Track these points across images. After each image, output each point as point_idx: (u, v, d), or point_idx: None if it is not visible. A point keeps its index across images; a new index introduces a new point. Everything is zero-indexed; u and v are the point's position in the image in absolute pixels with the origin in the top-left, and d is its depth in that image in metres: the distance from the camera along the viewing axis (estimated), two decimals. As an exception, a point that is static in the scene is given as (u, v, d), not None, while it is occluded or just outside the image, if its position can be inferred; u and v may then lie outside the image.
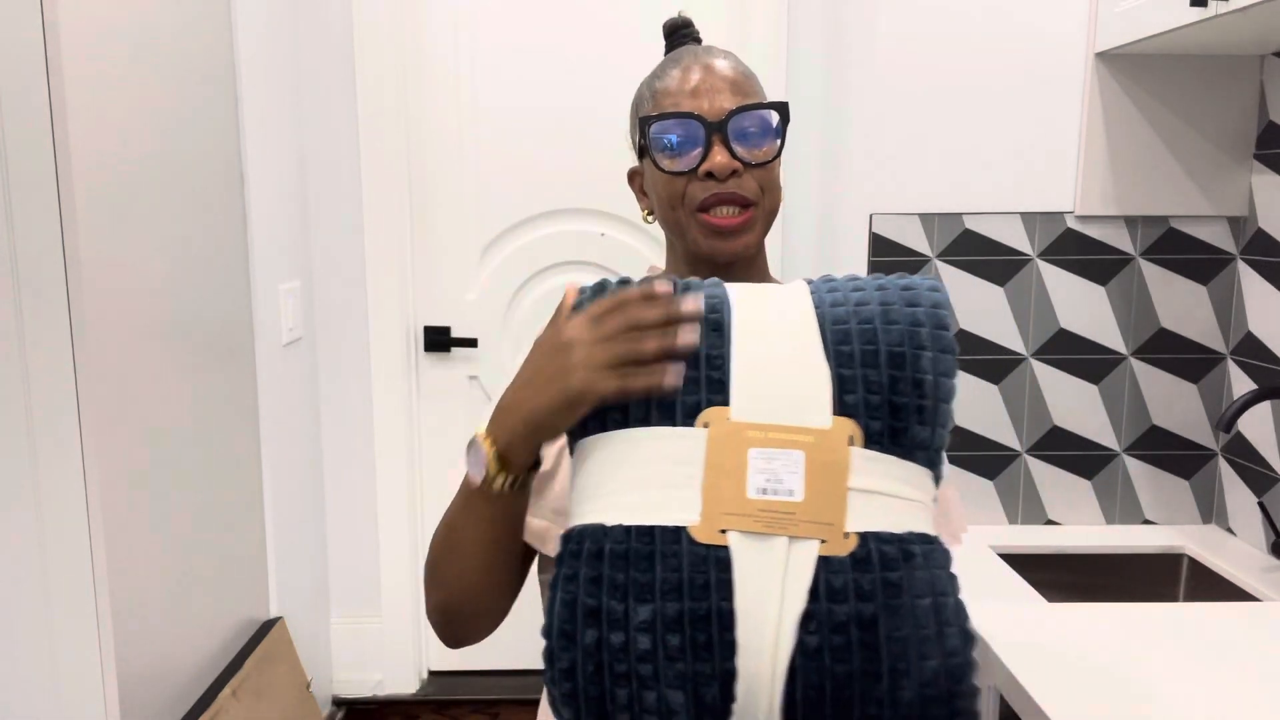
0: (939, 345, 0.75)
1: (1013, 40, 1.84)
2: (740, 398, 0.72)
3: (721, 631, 0.68)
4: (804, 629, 0.68)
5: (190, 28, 1.74)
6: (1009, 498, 1.97)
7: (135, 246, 1.53)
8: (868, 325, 0.74)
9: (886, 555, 0.70)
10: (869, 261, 1.90)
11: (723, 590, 0.68)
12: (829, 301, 0.77)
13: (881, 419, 0.73)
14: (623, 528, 0.71)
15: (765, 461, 0.71)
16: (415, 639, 2.55)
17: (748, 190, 0.93)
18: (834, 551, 0.69)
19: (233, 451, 1.90)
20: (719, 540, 0.69)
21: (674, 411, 0.73)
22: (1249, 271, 1.86)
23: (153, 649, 1.56)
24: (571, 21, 2.35)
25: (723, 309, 0.76)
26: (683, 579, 0.69)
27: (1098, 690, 1.19)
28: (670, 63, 1.00)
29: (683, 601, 0.68)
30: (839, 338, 0.74)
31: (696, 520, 0.70)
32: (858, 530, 0.70)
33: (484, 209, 2.43)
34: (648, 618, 0.69)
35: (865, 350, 0.73)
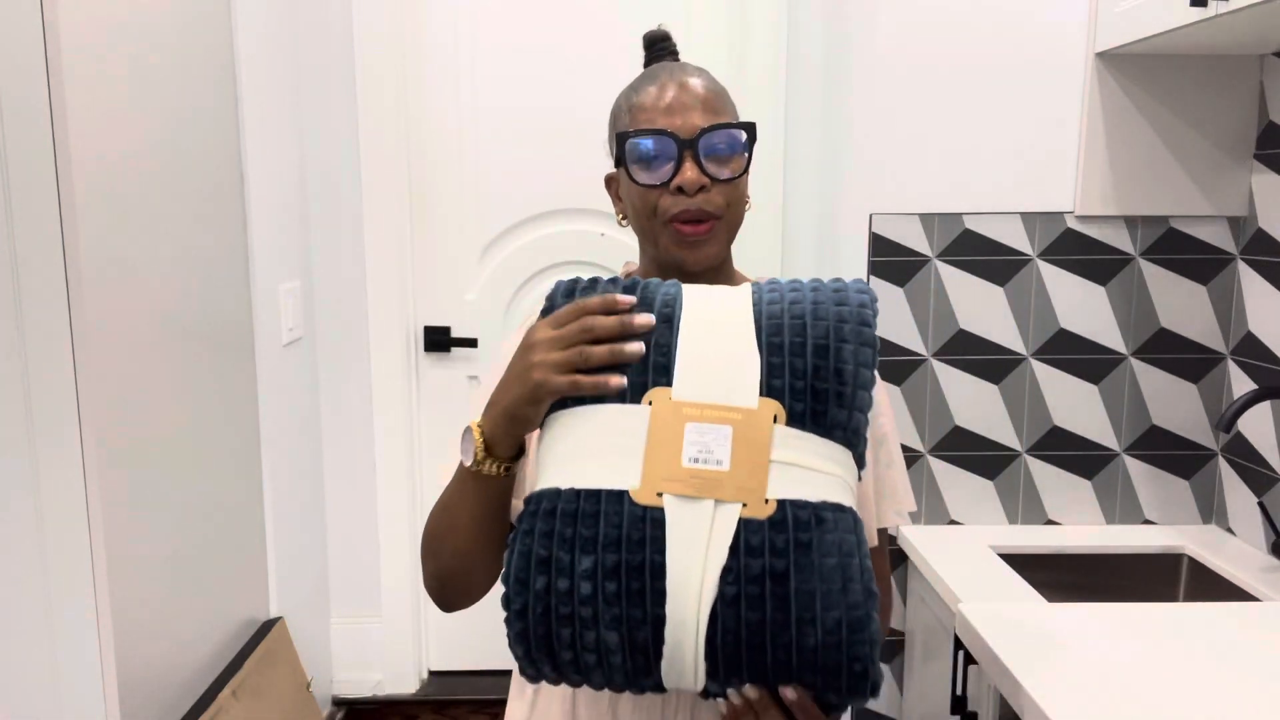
0: (860, 339, 0.86)
1: (1013, 40, 1.84)
2: (681, 380, 0.84)
3: (653, 580, 0.79)
4: (724, 580, 0.79)
5: (190, 28, 1.74)
6: (1009, 498, 1.97)
7: (135, 246, 1.53)
8: (797, 320, 0.86)
9: (800, 519, 0.80)
10: (869, 261, 1.91)
11: (656, 545, 0.79)
12: (767, 300, 0.88)
13: (804, 401, 0.83)
14: (574, 490, 0.82)
15: (699, 435, 0.82)
16: (415, 639, 2.55)
17: (713, 205, 1.00)
18: (754, 514, 0.80)
19: (233, 451, 1.90)
20: (655, 502, 0.80)
21: (624, 391, 0.85)
22: (1249, 271, 1.86)
23: (153, 649, 1.56)
24: (571, 22, 2.35)
25: (675, 305, 0.88)
26: (622, 534, 0.80)
27: (1098, 690, 1.19)
28: (647, 79, 1.06)
29: (620, 553, 0.79)
30: (771, 330, 0.85)
31: (637, 485, 0.81)
32: (777, 497, 0.80)
33: (484, 209, 2.43)
34: (589, 567, 0.79)
35: (793, 342, 0.85)
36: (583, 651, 0.80)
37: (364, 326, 2.43)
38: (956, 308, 1.91)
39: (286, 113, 2.22)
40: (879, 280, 1.91)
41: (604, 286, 0.90)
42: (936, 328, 1.92)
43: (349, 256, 2.40)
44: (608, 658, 0.80)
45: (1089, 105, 1.85)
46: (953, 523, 1.98)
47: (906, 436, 1.94)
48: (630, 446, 0.83)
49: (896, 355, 1.93)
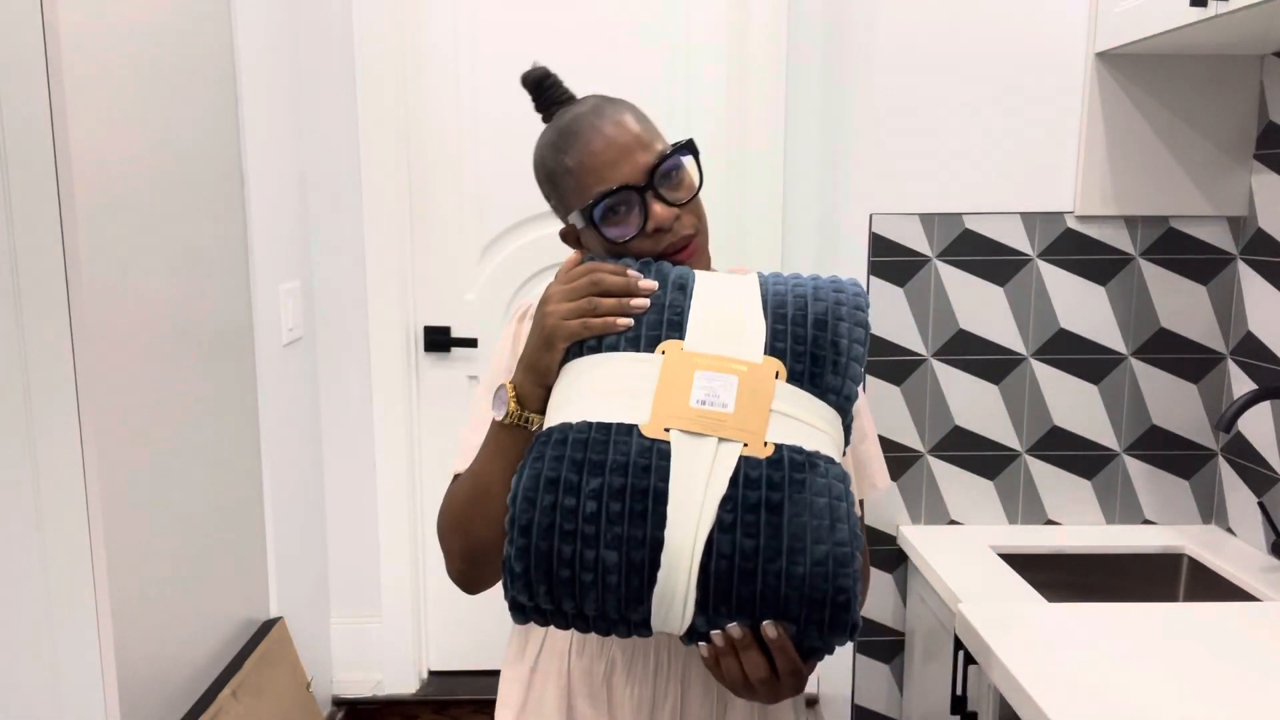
0: (855, 320, 0.95)
1: (1013, 40, 1.84)
2: (693, 335, 0.92)
3: (655, 504, 0.84)
4: (722, 508, 0.84)
5: (190, 28, 1.74)
6: (1009, 498, 1.97)
7: (135, 247, 1.53)
8: (800, 297, 0.95)
9: (795, 460, 0.86)
10: (869, 261, 1.91)
11: (661, 473, 0.85)
12: (772, 283, 0.97)
13: (803, 363, 0.91)
14: (586, 422, 0.88)
15: (707, 381, 0.89)
16: (415, 639, 2.55)
17: (688, 227, 1.03)
18: (754, 453, 0.86)
19: (233, 451, 1.90)
20: (663, 436, 0.86)
21: (639, 342, 0.92)
22: (1249, 271, 1.86)
23: (153, 649, 1.56)
24: (571, 22, 2.35)
25: (688, 279, 0.96)
26: (629, 460, 0.85)
27: (1098, 690, 1.19)
28: (569, 135, 1.04)
29: (627, 477, 0.84)
30: (776, 303, 0.94)
31: (647, 420, 0.87)
32: (776, 440, 0.87)
33: (484, 209, 2.43)
34: (596, 487, 0.84)
35: (796, 313, 0.93)
36: (581, 570, 0.84)
37: (364, 326, 2.42)
38: (956, 308, 1.91)
39: (286, 113, 2.22)
40: (879, 280, 1.91)
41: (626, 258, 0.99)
42: (936, 328, 1.92)
43: (349, 256, 2.40)
44: (604, 577, 0.84)
45: (1089, 105, 1.85)
46: (953, 523, 1.98)
47: (906, 436, 1.95)
48: (642, 389, 0.89)
49: (896, 355, 1.93)
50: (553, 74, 1.15)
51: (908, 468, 1.96)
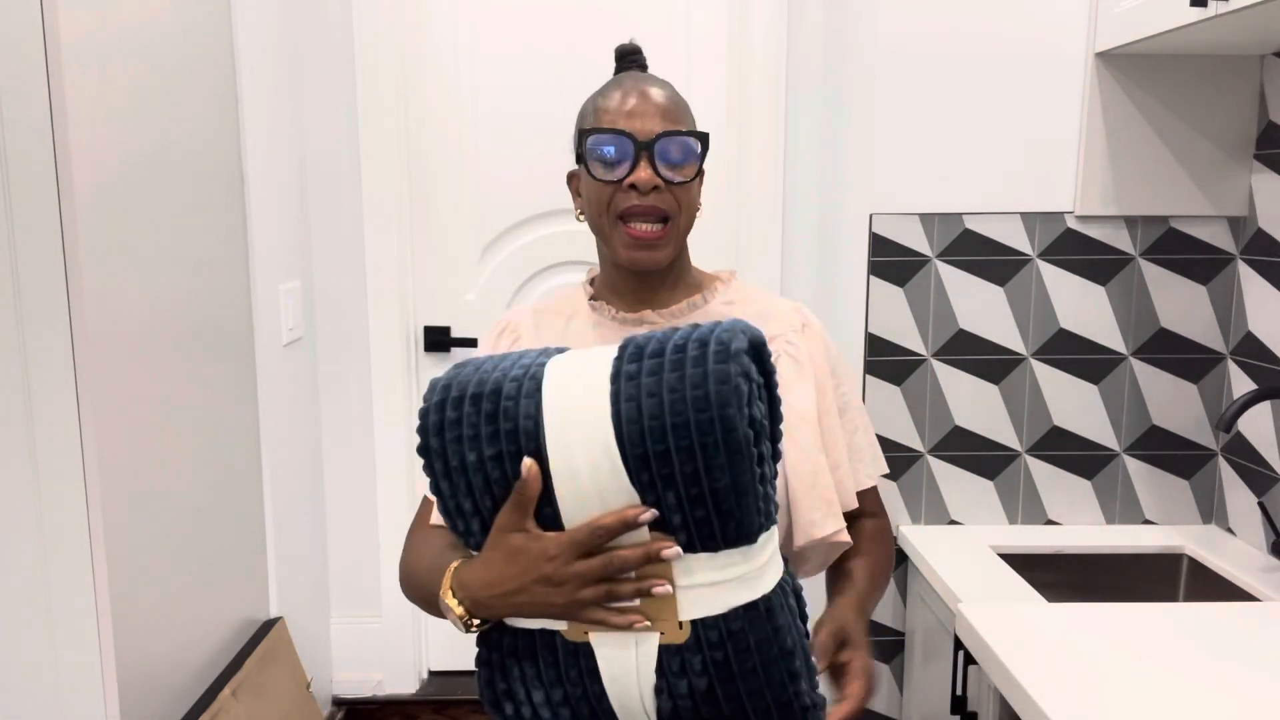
0: (730, 447, 0.82)
1: (1013, 40, 1.84)
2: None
3: (599, 703, 0.89)
4: (659, 697, 0.88)
5: (190, 28, 1.74)
6: (1009, 498, 1.97)
7: (135, 246, 1.53)
8: (660, 447, 0.83)
9: (710, 640, 0.86)
10: (869, 261, 1.91)
11: (593, 676, 0.88)
12: (624, 409, 0.84)
13: (687, 532, 0.85)
14: (512, 630, 0.92)
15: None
16: (415, 639, 2.55)
17: (666, 205, 1.06)
18: (671, 640, 0.87)
19: (233, 451, 1.90)
20: (583, 638, 0.88)
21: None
22: (1249, 271, 1.86)
23: (153, 649, 1.56)
24: (572, 23, 2.35)
25: (539, 434, 0.86)
26: (560, 672, 0.89)
27: (1098, 690, 1.19)
28: (614, 84, 1.12)
29: (565, 687, 0.89)
30: (638, 464, 0.84)
31: (565, 626, 0.89)
32: (689, 618, 0.86)
33: (484, 209, 2.43)
34: (542, 699, 0.90)
35: (662, 476, 0.84)
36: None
37: (364, 326, 2.42)
38: (956, 308, 1.91)
39: (287, 113, 2.22)
40: (879, 280, 1.91)
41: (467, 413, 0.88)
42: (936, 328, 1.92)
43: (349, 256, 2.40)
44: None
45: (1089, 105, 1.85)
46: (953, 523, 1.98)
47: (906, 436, 1.95)
48: None
49: (896, 355, 1.93)
50: (640, 51, 1.21)
51: (908, 468, 1.96)
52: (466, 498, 0.90)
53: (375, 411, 2.44)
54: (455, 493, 0.91)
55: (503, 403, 0.88)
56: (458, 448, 0.89)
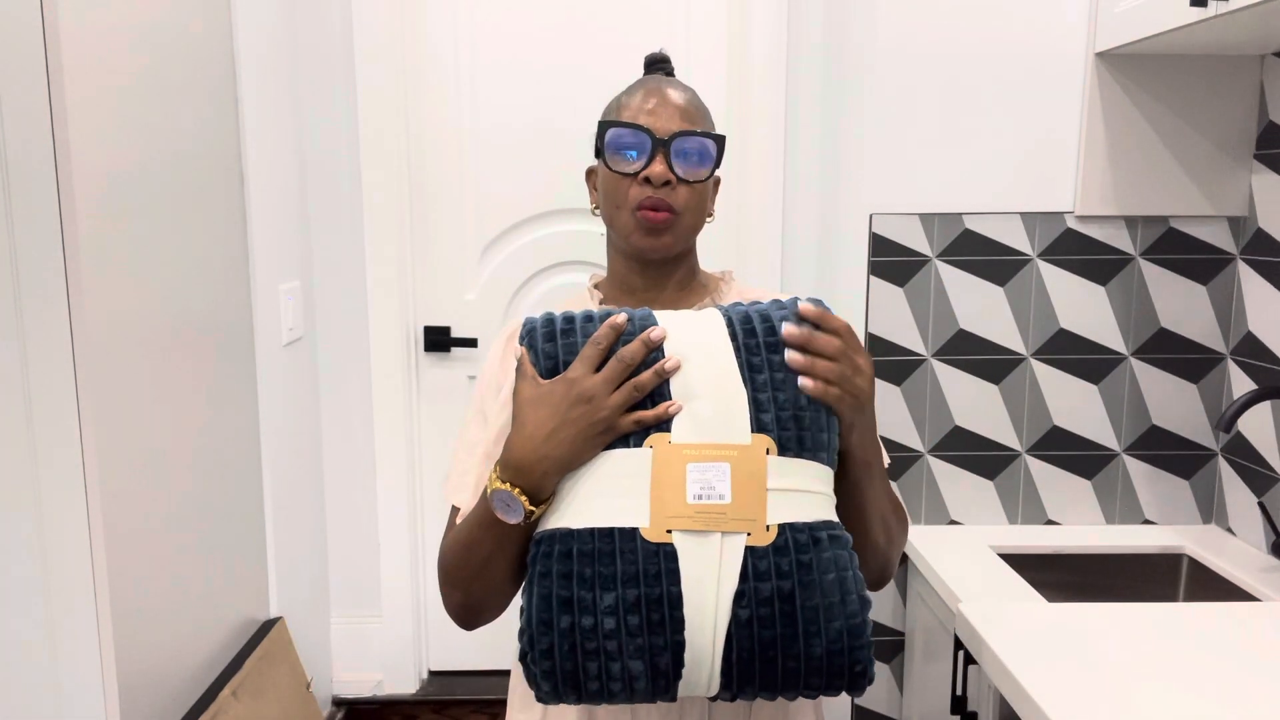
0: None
1: (1013, 40, 1.84)
2: (679, 423, 0.90)
3: (671, 610, 0.86)
4: (737, 604, 0.86)
5: (190, 28, 1.74)
6: (1009, 498, 1.97)
7: (135, 246, 1.53)
8: (775, 355, 0.92)
9: (799, 541, 0.87)
10: (869, 261, 1.91)
11: (671, 578, 0.86)
12: (742, 333, 0.94)
13: (790, 430, 0.90)
14: (587, 530, 0.88)
15: (700, 473, 0.88)
16: (415, 639, 2.55)
17: (676, 201, 1.09)
18: (758, 542, 0.87)
19: (233, 451, 1.90)
20: (666, 539, 0.86)
21: (626, 438, 0.90)
22: (1249, 271, 1.86)
23: (153, 649, 1.56)
24: (571, 22, 2.35)
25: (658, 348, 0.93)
26: (638, 570, 0.86)
27: (1098, 690, 1.19)
28: (639, 84, 1.16)
29: (640, 588, 0.86)
30: (753, 365, 0.92)
31: (647, 524, 0.87)
32: (777, 522, 0.87)
33: (484, 209, 2.43)
34: (611, 603, 0.86)
35: (775, 377, 0.91)
36: (608, 680, 0.87)
37: (364, 326, 2.42)
38: (956, 308, 1.91)
39: (286, 113, 2.22)
40: (879, 280, 1.91)
41: (581, 323, 0.95)
42: (936, 328, 1.92)
43: (349, 256, 2.40)
44: (632, 683, 0.87)
45: (1089, 105, 1.85)
46: (953, 523, 1.98)
47: (907, 436, 1.94)
48: (636, 487, 0.88)
49: (896, 355, 1.93)
50: (669, 60, 1.25)
51: (908, 468, 1.96)
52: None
53: (375, 411, 2.44)
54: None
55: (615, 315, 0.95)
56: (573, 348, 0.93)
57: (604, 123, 1.12)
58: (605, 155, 1.11)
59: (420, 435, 2.51)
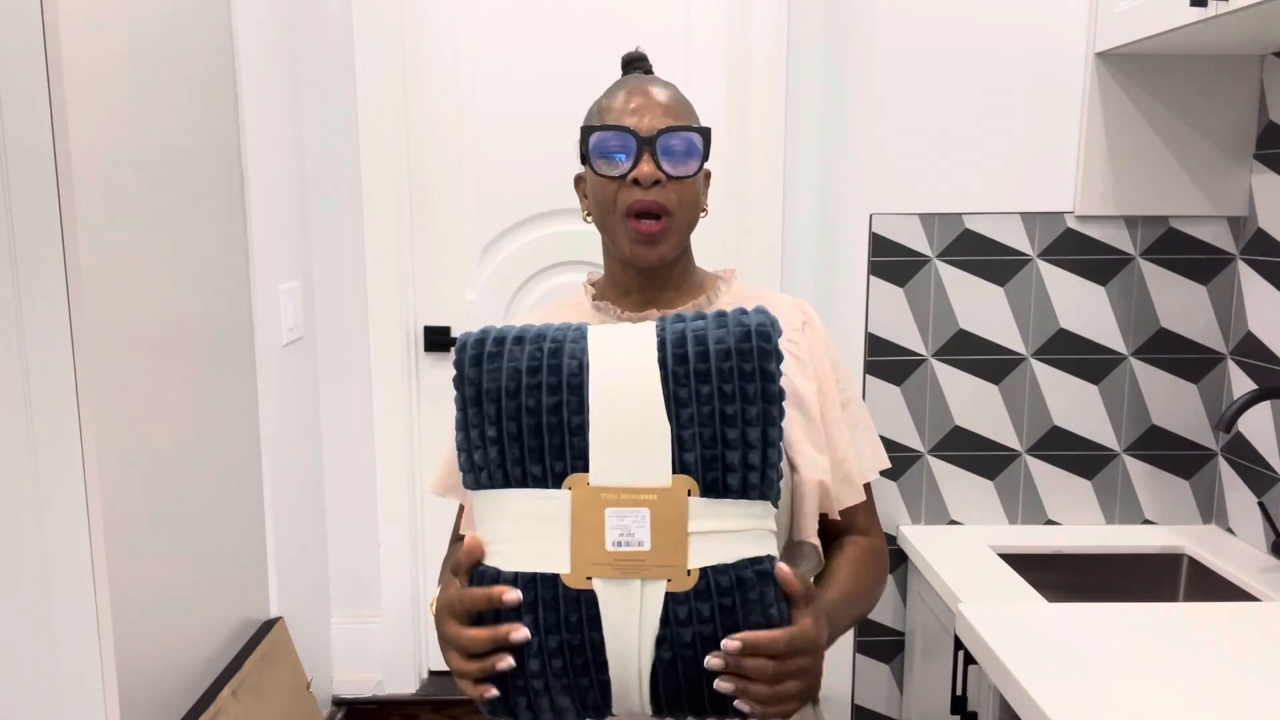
0: (765, 397, 0.89)
1: (1013, 40, 1.84)
2: (597, 464, 0.87)
3: (594, 655, 0.86)
4: (659, 648, 0.86)
5: (190, 27, 1.74)
6: (1009, 498, 1.97)
7: (135, 246, 1.53)
8: (704, 386, 0.88)
9: (721, 585, 0.86)
10: (869, 261, 1.91)
11: (593, 624, 0.86)
12: (672, 359, 0.90)
13: (715, 471, 0.87)
14: (510, 574, 0.88)
15: (619, 519, 0.86)
16: (415, 639, 2.55)
17: (668, 200, 1.07)
18: (679, 588, 0.86)
19: (233, 451, 1.90)
20: (586, 585, 0.86)
21: (545, 478, 0.89)
22: (1249, 271, 1.86)
23: (153, 649, 1.56)
24: (571, 21, 2.35)
25: (582, 371, 0.90)
26: (560, 618, 0.86)
27: (1098, 690, 1.19)
28: (618, 85, 1.14)
29: (561, 634, 0.86)
30: (679, 399, 0.88)
31: (567, 570, 0.86)
32: (699, 565, 0.86)
33: (484, 209, 2.43)
34: (535, 647, 0.86)
35: (701, 411, 0.88)
36: (539, 712, 0.89)
37: (364, 326, 2.43)
38: (956, 308, 1.91)
39: (286, 113, 2.22)
40: (879, 280, 1.91)
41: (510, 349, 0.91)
42: (936, 328, 1.92)
43: (349, 256, 2.40)
44: (562, 714, 0.89)
45: (1089, 105, 1.85)
46: (953, 523, 1.98)
47: (906, 436, 1.95)
48: (555, 531, 0.87)
49: (896, 355, 1.93)
50: (646, 58, 1.22)
51: (908, 468, 1.96)
52: (493, 425, 0.89)
53: (375, 412, 2.44)
54: (481, 420, 0.90)
55: (548, 343, 0.91)
56: (497, 375, 0.90)
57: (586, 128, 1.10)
58: (591, 161, 1.09)
59: (420, 435, 2.51)
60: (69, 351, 1.37)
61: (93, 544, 1.41)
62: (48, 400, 1.37)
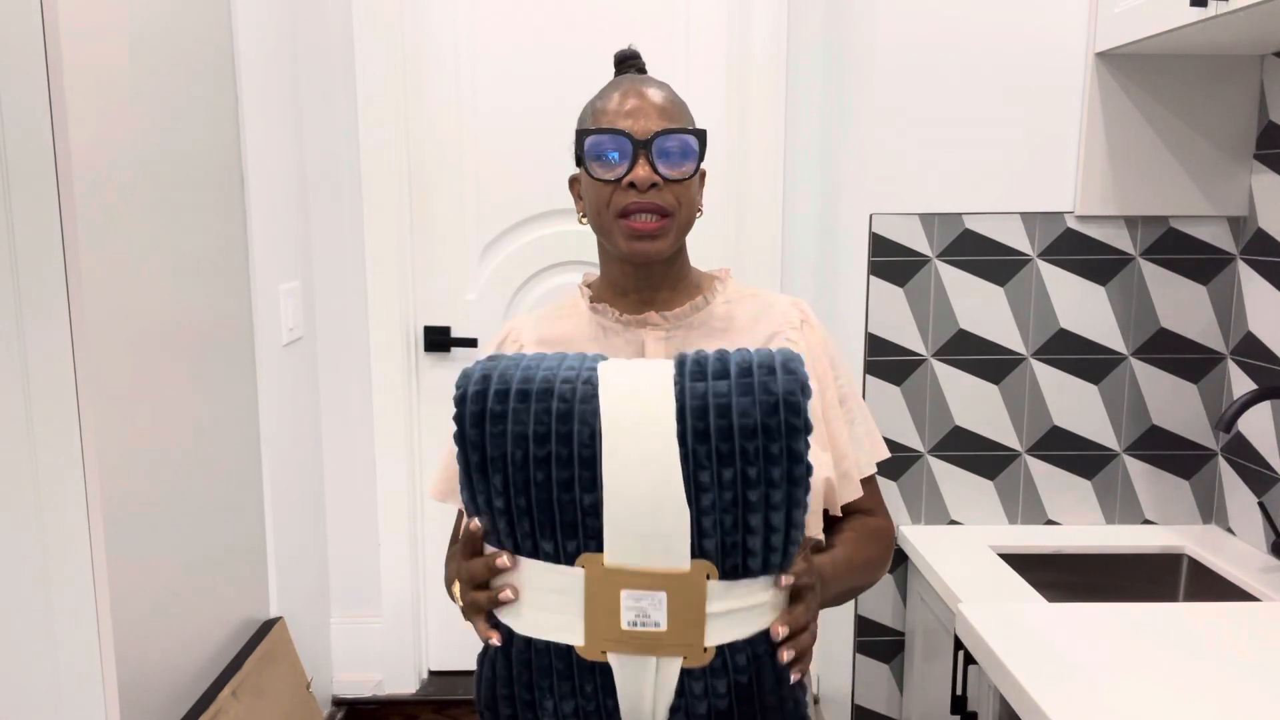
0: (791, 479, 0.84)
1: (1013, 40, 1.84)
2: (612, 544, 0.85)
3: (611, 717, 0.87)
4: (673, 715, 0.86)
5: (190, 27, 1.74)
6: (1009, 498, 1.97)
7: (135, 246, 1.53)
8: (727, 471, 0.83)
9: (737, 664, 0.86)
10: (869, 261, 1.91)
11: (607, 692, 0.86)
12: (693, 435, 0.84)
13: (735, 557, 0.85)
14: (524, 638, 0.88)
15: (634, 600, 0.85)
16: (415, 639, 2.55)
17: (665, 201, 1.07)
18: (694, 664, 0.85)
19: (233, 451, 1.90)
20: (601, 658, 0.86)
21: (557, 554, 0.86)
22: (1249, 271, 1.86)
23: (153, 649, 1.56)
24: (571, 22, 2.35)
25: (594, 443, 0.84)
26: (574, 685, 0.86)
27: (1098, 690, 1.19)
28: (612, 86, 1.13)
29: (576, 700, 0.86)
30: (700, 483, 0.84)
31: (581, 643, 0.86)
32: (715, 644, 0.85)
33: (484, 209, 2.43)
34: (550, 709, 0.87)
35: (723, 498, 0.83)
36: None
37: (364, 326, 2.42)
38: (956, 308, 1.91)
39: (286, 113, 2.22)
40: (879, 280, 1.91)
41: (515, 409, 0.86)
42: (936, 328, 1.92)
43: (349, 256, 2.40)
44: None
45: (1089, 105, 1.85)
46: (953, 523, 1.98)
47: (906, 436, 1.95)
48: (569, 604, 0.86)
49: (896, 355, 1.93)
50: (639, 56, 1.22)
51: (908, 468, 1.96)
52: (500, 495, 0.86)
53: (375, 411, 2.44)
54: (488, 488, 0.87)
55: (556, 404, 0.85)
56: (501, 442, 0.85)
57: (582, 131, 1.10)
58: (587, 163, 1.09)
59: (420, 435, 2.51)
60: (69, 351, 1.37)
61: (93, 544, 1.41)
62: (48, 400, 1.37)
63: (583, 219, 1.17)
